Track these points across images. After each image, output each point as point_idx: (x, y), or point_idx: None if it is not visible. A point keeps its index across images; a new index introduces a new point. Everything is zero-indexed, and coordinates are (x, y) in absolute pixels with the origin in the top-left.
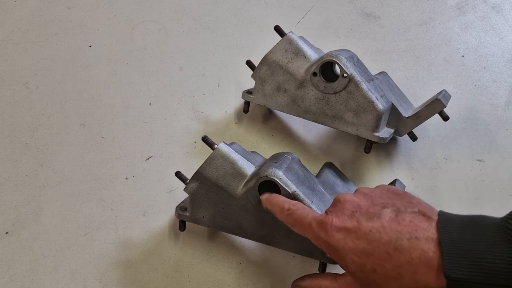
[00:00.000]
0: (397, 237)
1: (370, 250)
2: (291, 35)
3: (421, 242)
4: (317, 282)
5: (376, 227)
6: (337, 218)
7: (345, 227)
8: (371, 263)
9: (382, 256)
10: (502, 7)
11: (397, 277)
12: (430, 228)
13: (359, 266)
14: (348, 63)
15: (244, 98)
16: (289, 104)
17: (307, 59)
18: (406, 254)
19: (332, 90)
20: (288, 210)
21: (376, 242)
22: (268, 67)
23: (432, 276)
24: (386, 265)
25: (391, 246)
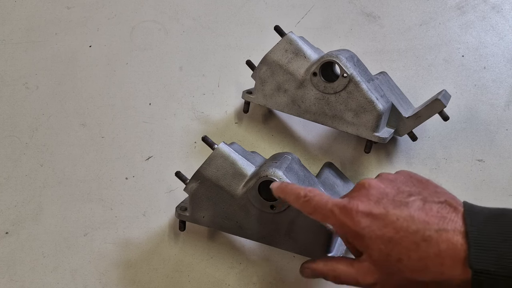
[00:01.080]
0: (425, 228)
1: (397, 239)
2: (291, 35)
3: (449, 234)
4: (331, 266)
5: (404, 215)
6: (363, 203)
7: (371, 213)
8: (397, 253)
9: (410, 246)
10: (502, 7)
11: (422, 268)
12: (457, 219)
13: (384, 255)
14: (348, 63)
15: (244, 98)
16: (289, 104)
17: (307, 59)
18: (434, 246)
19: (332, 90)
20: (305, 197)
21: (403, 231)
22: (268, 67)
23: (458, 269)
24: (412, 255)
25: (418, 237)
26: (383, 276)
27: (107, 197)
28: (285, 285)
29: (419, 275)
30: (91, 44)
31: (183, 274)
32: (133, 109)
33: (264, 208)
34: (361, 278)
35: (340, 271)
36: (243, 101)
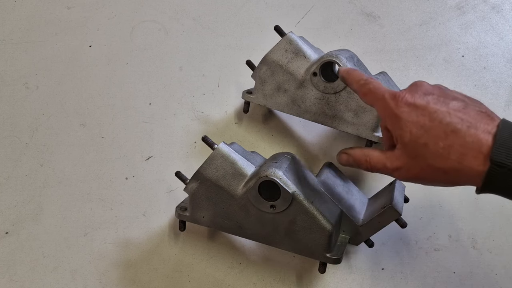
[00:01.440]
0: (458, 122)
1: (429, 126)
2: (291, 35)
3: (478, 132)
4: (366, 152)
5: (442, 110)
6: (410, 95)
7: (414, 103)
8: (426, 138)
9: (439, 134)
10: (502, 7)
11: (445, 155)
12: (491, 124)
13: (414, 137)
14: (348, 63)
15: (244, 98)
16: (289, 104)
17: (307, 59)
18: (461, 137)
19: (332, 90)
20: (365, 81)
21: (437, 121)
22: (268, 67)
23: (478, 161)
24: (439, 142)
25: (449, 128)
26: (409, 161)
27: (107, 197)
28: (285, 285)
29: (441, 162)
30: (91, 44)
31: (183, 274)
32: (133, 109)
33: (264, 208)
34: (390, 163)
35: (372, 156)
36: (243, 101)
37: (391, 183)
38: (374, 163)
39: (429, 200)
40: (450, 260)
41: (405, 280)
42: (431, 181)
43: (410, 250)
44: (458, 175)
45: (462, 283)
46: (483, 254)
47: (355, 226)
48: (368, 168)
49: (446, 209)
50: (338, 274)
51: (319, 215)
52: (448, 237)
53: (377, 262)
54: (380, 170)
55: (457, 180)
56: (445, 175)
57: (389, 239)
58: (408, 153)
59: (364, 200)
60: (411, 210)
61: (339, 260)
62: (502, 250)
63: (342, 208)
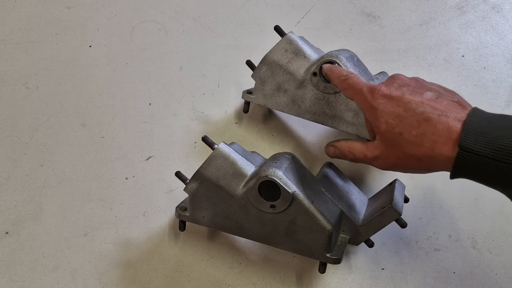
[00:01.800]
0: (430, 111)
1: (403, 116)
2: (291, 35)
3: (449, 119)
4: (349, 143)
5: (416, 100)
6: (386, 87)
7: (390, 95)
8: (400, 127)
9: (412, 123)
10: (502, 7)
11: (418, 142)
12: (462, 113)
13: (390, 127)
14: (348, 63)
15: (244, 98)
16: (289, 104)
17: (307, 59)
18: (432, 126)
19: (332, 90)
20: (345, 76)
21: (411, 111)
22: (268, 67)
23: (448, 147)
24: (412, 131)
25: (422, 117)
26: (386, 150)
27: (107, 197)
28: (285, 285)
29: (414, 149)
30: (91, 44)
31: (183, 274)
32: (133, 109)
33: (264, 208)
34: (369, 152)
35: (355, 147)
36: (243, 101)
37: (391, 183)
38: (356, 154)
39: (429, 200)
40: (450, 260)
41: (405, 280)
42: (408, 168)
43: (410, 250)
44: (431, 162)
45: (462, 283)
46: (483, 254)
47: (355, 226)
48: (351, 158)
49: (446, 209)
50: (338, 274)
51: (319, 215)
52: (448, 237)
53: (377, 262)
54: (362, 160)
55: (430, 167)
56: (419, 162)
57: (389, 239)
58: (385, 143)
59: (364, 200)
60: (411, 210)
61: (339, 260)
62: (502, 250)
63: (342, 208)
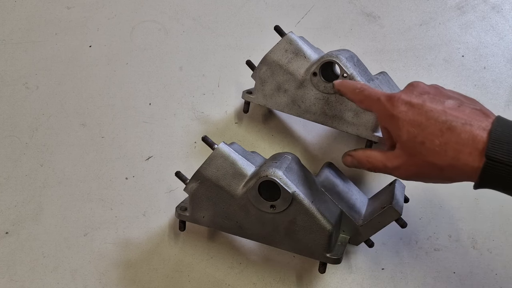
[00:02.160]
0: (453, 120)
1: (425, 125)
2: (291, 35)
3: (473, 128)
4: (367, 153)
5: (438, 109)
6: (405, 95)
7: (410, 102)
8: (422, 136)
9: (435, 132)
10: (502, 7)
11: (441, 152)
12: (485, 121)
13: (412, 136)
14: (348, 63)
15: (244, 98)
16: (289, 104)
17: (307, 59)
18: (456, 135)
19: (332, 90)
20: (360, 88)
21: (433, 120)
22: (268, 67)
23: (473, 157)
24: (435, 140)
25: (445, 126)
26: (407, 159)
27: (107, 197)
28: (285, 285)
29: (437, 159)
30: (91, 44)
31: (183, 274)
32: (133, 109)
33: (264, 208)
34: (389, 162)
35: (373, 157)
36: (243, 101)
37: (391, 183)
38: (375, 163)
39: (429, 200)
40: (450, 260)
41: (405, 280)
42: (429, 178)
43: (410, 250)
44: (454, 171)
45: (462, 283)
46: (483, 254)
47: (355, 226)
48: (370, 168)
49: (446, 209)
50: (338, 274)
51: (319, 215)
52: (448, 237)
53: (377, 262)
54: (381, 170)
55: (453, 176)
56: (441, 172)
57: (389, 239)
58: (406, 152)
59: (364, 200)
60: (411, 210)
61: (339, 260)
62: (502, 250)
63: (342, 208)
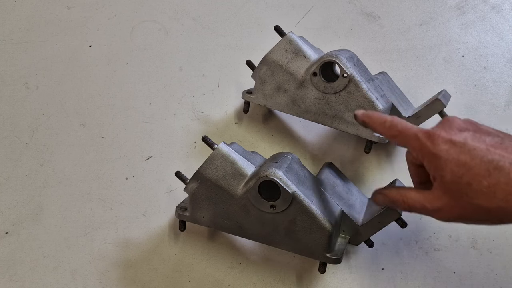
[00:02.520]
0: (499, 159)
1: (471, 165)
2: (291, 35)
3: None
4: (402, 192)
5: (481, 147)
6: (445, 132)
7: (451, 140)
8: (469, 177)
9: (481, 173)
10: (502, 7)
11: (490, 194)
12: None
13: (456, 177)
14: (348, 63)
15: (244, 98)
16: (289, 104)
17: (307, 59)
18: (505, 175)
19: (332, 90)
20: (390, 122)
21: (478, 159)
22: (268, 67)
23: None
24: (483, 181)
25: (492, 165)
26: (450, 201)
27: (107, 197)
28: (285, 285)
29: (486, 201)
30: (91, 44)
31: (183, 274)
32: (133, 109)
33: (264, 208)
34: (429, 204)
35: (410, 197)
36: (243, 101)
37: (391, 183)
38: (412, 204)
39: None
40: (450, 260)
41: (405, 280)
42: (475, 220)
43: (410, 250)
44: (503, 214)
45: (462, 283)
46: (483, 254)
47: (355, 226)
48: (405, 208)
49: None
50: (338, 274)
51: (319, 215)
52: (448, 237)
53: (377, 262)
54: (419, 211)
55: (502, 219)
56: (489, 214)
57: (389, 239)
58: (450, 193)
59: (364, 200)
60: None
61: (339, 260)
62: (502, 250)
63: (342, 208)
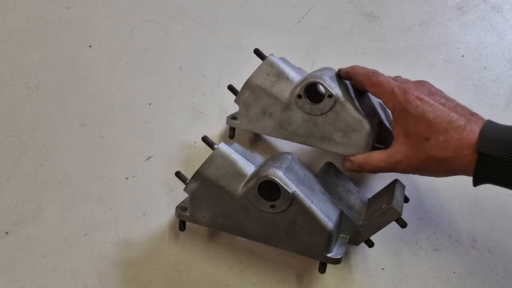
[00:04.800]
0: (456, 120)
1: (433, 123)
2: (272, 58)
3: (472, 128)
4: (366, 156)
5: (443, 109)
6: (417, 91)
7: (422, 99)
8: (428, 132)
9: (440, 130)
10: (502, 7)
11: (444, 147)
12: (479, 122)
13: (418, 131)
14: (332, 83)
15: (229, 124)
16: (275, 128)
17: (290, 81)
18: (458, 132)
19: (319, 112)
20: (374, 72)
21: (440, 118)
22: (251, 92)
23: (470, 151)
24: (440, 137)
25: (450, 125)
26: (408, 153)
27: (107, 197)
28: (285, 285)
29: (439, 153)
30: (91, 44)
31: (183, 274)
32: (133, 109)
33: (264, 208)
34: (391, 158)
35: (373, 157)
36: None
37: (391, 183)
38: (376, 163)
39: (429, 200)
40: (450, 260)
41: (405, 280)
42: (428, 171)
43: (410, 250)
44: (452, 164)
45: (462, 283)
46: (483, 254)
47: (355, 226)
48: (370, 169)
49: (446, 209)
50: (338, 274)
51: (319, 215)
52: (448, 237)
53: (377, 262)
54: (382, 168)
55: (451, 169)
56: (440, 165)
57: (389, 239)
58: (409, 145)
59: (364, 200)
60: (411, 210)
61: (339, 260)
62: (502, 250)
63: (342, 208)
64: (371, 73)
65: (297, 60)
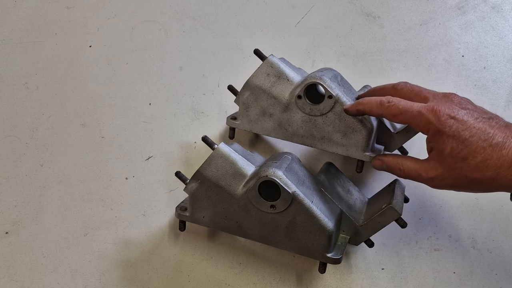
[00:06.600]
0: (494, 137)
1: (469, 142)
2: (272, 58)
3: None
4: (399, 160)
5: (480, 126)
6: (447, 108)
7: (455, 117)
8: (465, 152)
9: (477, 150)
10: (502, 7)
11: (483, 167)
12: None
13: (455, 152)
14: (332, 83)
15: (229, 124)
16: (275, 128)
17: (290, 82)
18: (497, 151)
19: (319, 112)
20: (389, 102)
21: (476, 137)
22: (251, 92)
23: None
24: (478, 156)
25: (487, 143)
26: (444, 172)
27: (107, 197)
28: (285, 285)
29: (478, 174)
30: (91, 44)
31: (183, 274)
32: (133, 109)
33: (264, 208)
34: (424, 173)
35: (406, 165)
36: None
37: (391, 183)
38: (408, 172)
39: (429, 200)
40: (450, 260)
41: (405, 280)
42: (465, 189)
43: (410, 250)
44: (492, 184)
45: (462, 283)
46: (483, 254)
47: (355, 226)
48: (401, 175)
49: (446, 209)
50: (338, 274)
51: (319, 215)
52: (448, 237)
53: (377, 262)
54: (413, 178)
55: (490, 189)
56: (479, 185)
57: (389, 239)
58: (445, 165)
59: (364, 200)
60: (411, 210)
61: (339, 260)
62: (502, 250)
63: (342, 208)
64: (386, 103)
65: (297, 60)
